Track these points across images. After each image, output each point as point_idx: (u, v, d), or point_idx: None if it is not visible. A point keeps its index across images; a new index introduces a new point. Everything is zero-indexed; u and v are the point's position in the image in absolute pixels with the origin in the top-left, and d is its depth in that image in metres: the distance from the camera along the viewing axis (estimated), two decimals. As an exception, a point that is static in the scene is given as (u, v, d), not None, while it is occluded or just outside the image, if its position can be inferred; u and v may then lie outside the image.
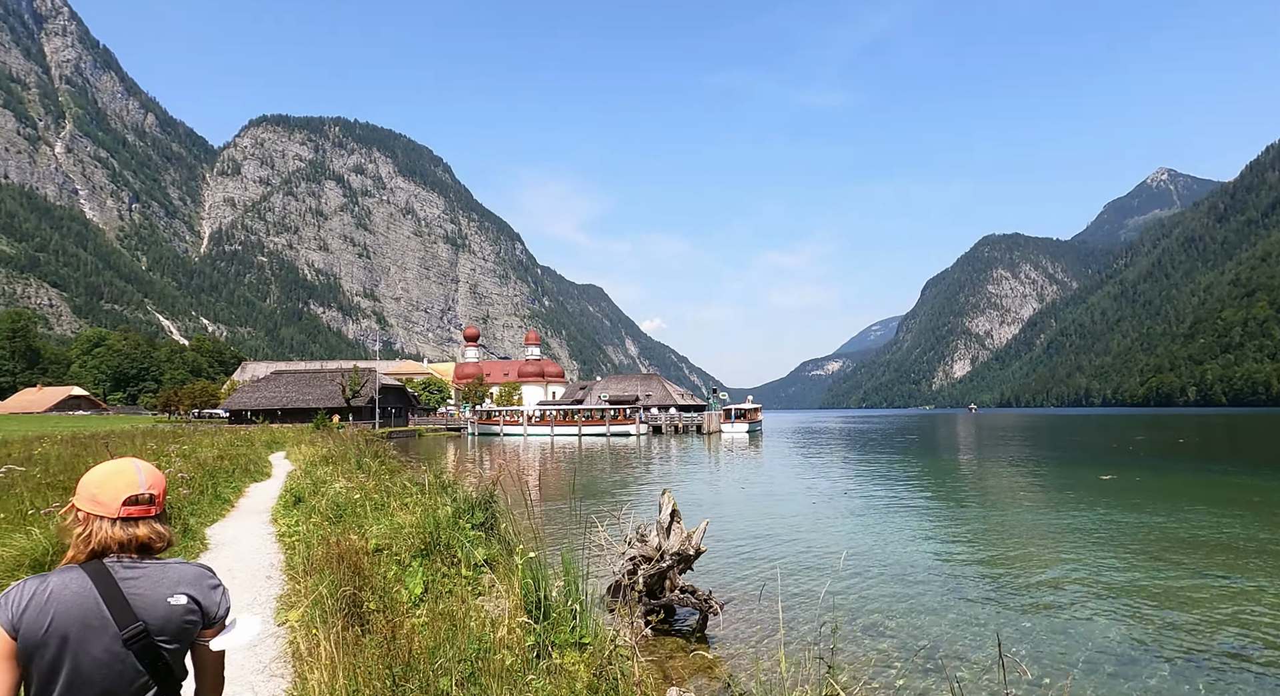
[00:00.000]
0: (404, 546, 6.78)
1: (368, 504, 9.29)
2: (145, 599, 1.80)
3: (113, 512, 1.84)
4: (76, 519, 1.87)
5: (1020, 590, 10.23)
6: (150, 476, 1.92)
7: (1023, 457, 37.21)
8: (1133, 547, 13.34)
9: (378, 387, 73.61)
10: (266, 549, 8.85)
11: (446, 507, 7.41)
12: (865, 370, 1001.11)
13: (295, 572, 6.65)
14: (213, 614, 1.90)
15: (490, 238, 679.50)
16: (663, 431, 73.31)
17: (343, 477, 12.60)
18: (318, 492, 11.16)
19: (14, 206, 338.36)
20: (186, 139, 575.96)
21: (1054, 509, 18.60)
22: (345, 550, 5.45)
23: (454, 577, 6.36)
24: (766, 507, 19.39)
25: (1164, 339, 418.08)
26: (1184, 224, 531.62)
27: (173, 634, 1.83)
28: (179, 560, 1.96)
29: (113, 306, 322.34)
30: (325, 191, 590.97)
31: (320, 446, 22.76)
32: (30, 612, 1.70)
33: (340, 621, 4.76)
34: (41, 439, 25.65)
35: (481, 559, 6.60)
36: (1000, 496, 21.70)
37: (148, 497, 1.89)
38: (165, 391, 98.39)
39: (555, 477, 28.87)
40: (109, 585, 1.77)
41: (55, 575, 1.79)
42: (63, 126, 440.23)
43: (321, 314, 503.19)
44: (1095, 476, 26.05)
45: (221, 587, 1.96)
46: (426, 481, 10.70)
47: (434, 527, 6.89)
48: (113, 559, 1.83)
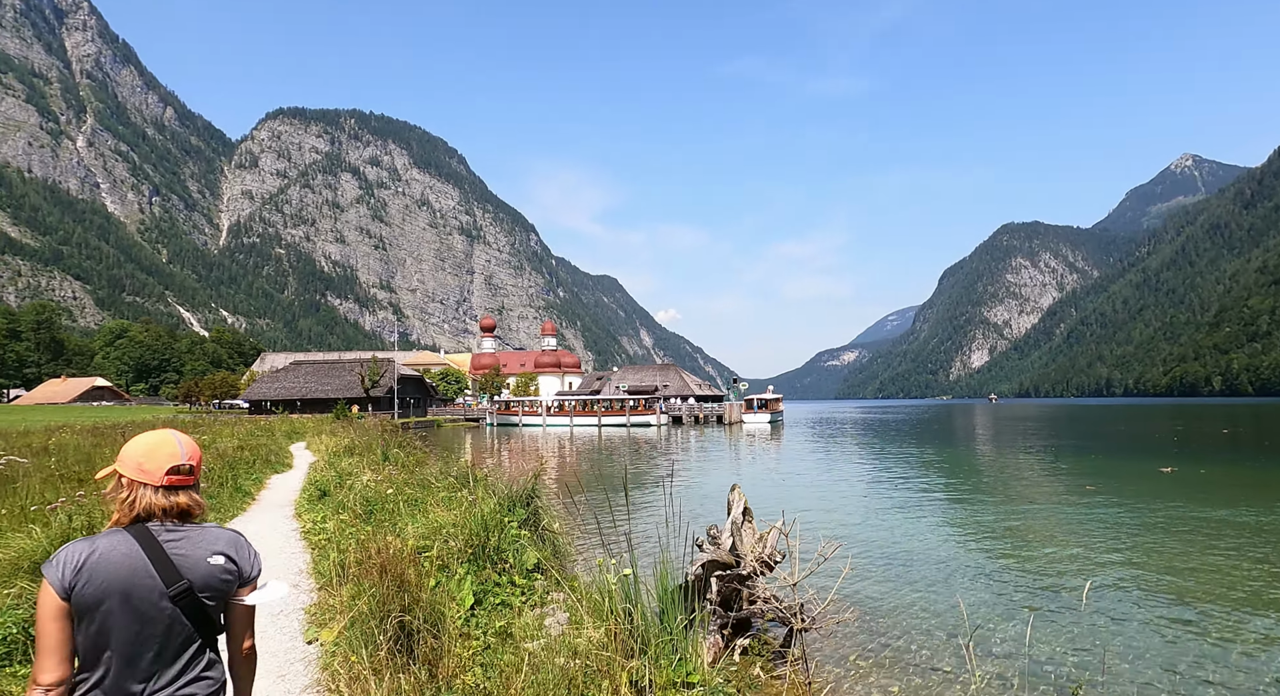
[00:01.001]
0: (446, 549, 6.09)
1: (400, 499, 8.60)
2: (188, 559, 1.94)
3: (157, 480, 1.98)
4: (120, 485, 2.00)
5: (1159, 603, 9.13)
6: (189, 448, 2.07)
7: (1070, 449, 35.45)
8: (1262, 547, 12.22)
9: (396, 378, 73.43)
10: (290, 548, 8.25)
11: (489, 503, 6.67)
12: (881, 360, 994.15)
13: (326, 580, 6.03)
14: (247, 573, 2.06)
15: (505, 229, 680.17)
16: (683, 422, 72.54)
17: (369, 470, 11.93)
18: (344, 485, 10.53)
19: (38, 200, 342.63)
20: (205, 132, 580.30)
21: (1132, 503, 17.03)
22: (388, 559, 4.78)
23: (506, 586, 5.71)
24: (816, 502, 18.06)
25: (1188, 328, 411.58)
26: (1209, 211, 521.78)
27: (213, 591, 1.97)
28: (215, 525, 2.13)
29: (134, 299, 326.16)
30: (341, 183, 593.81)
31: (342, 436, 22.20)
32: (82, 574, 1.82)
33: (386, 645, 4.09)
34: (62, 428, 25.35)
35: (533, 563, 5.92)
36: (1070, 491, 19.92)
37: (188, 468, 2.04)
38: (186, 382, 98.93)
39: (587, 469, 27.57)
40: (154, 547, 1.91)
41: (102, 538, 1.91)
42: (84, 121, 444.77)
43: (338, 305, 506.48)
44: (1154, 469, 24.60)
45: (254, 550, 2.13)
46: (459, 474, 9.96)
47: (480, 528, 6.17)
48: (155, 523, 1.97)
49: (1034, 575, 10.51)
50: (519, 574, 5.96)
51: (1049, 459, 30.44)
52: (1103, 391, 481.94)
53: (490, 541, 6.11)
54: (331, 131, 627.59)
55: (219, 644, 2.10)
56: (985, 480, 23.70)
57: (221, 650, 2.13)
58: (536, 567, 6.06)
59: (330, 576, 5.92)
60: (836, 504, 17.95)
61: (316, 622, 5.26)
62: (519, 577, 5.88)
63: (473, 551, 6.03)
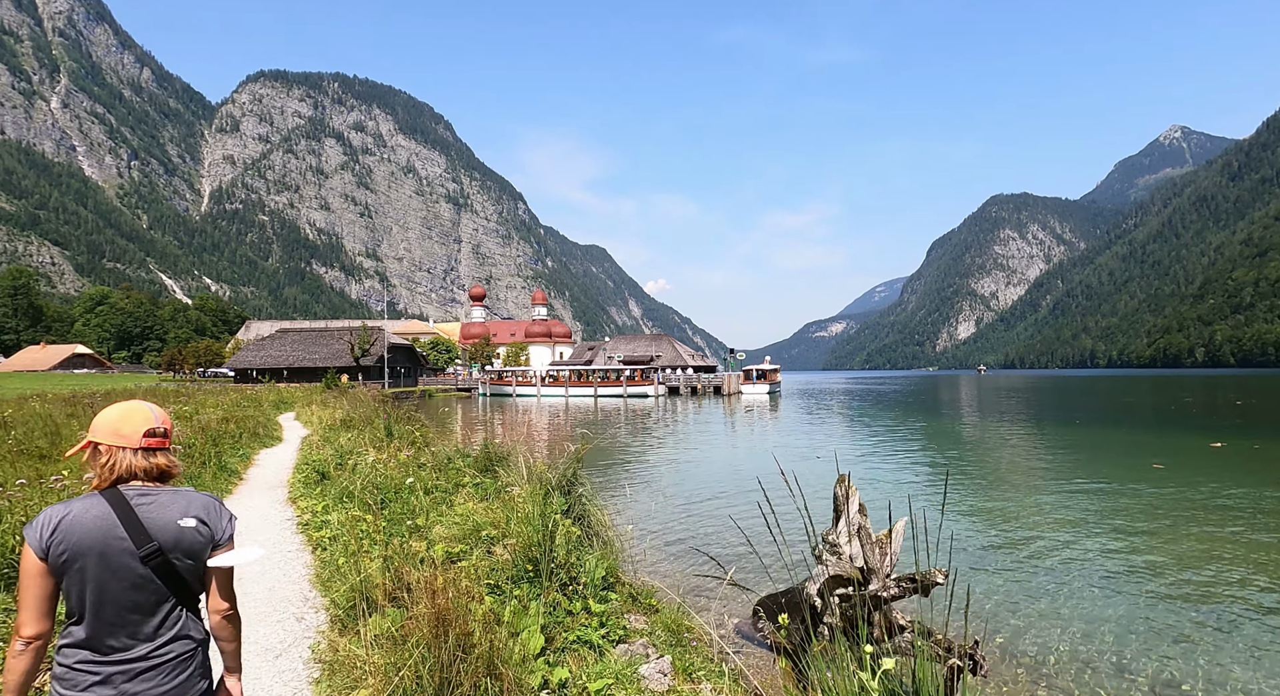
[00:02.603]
0: (491, 560, 4.90)
1: (419, 487, 7.23)
2: (157, 521, 2.01)
3: (135, 443, 2.08)
4: (97, 452, 2.08)
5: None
6: (160, 414, 2.19)
7: (1100, 422, 33.98)
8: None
9: (386, 347, 71.91)
10: (287, 543, 6.95)
11: (530, 494, 5.45)
12: (869, 331, 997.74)
13: (340, 606, 4.55)
14: (219, 536, 2.11)
15: (492, 197, 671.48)
16: (679, 392, 71.62)
17: (372, 447, 10.65)
18: (345, 466, 9.23)
19: (12, 163, 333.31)
20: (184, 95, 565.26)
21: (1212, 485, 15.36)
22: (448, 609, 3.53)
23: (580, 615, 4.45)
24: (870, 486, 15.78)
25: (1172, 300, 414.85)
26: (1196, 183, 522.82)
27: (185, 552, 2.03)
28: (191, 489, 2.19)
29: (115, 265, 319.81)
30: (325, 149, 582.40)
31: (334, 408, 20.87)
32: (57, 535, 1.91)
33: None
34: (35, 397, 23.90)
35: (600, 576, 4.75)
36: (1139, 471, 17.90)
37: (162, 431, 2.16)
38: (169, 350, 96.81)
39: (610, 447, 24.96)
40: (125, 509, 1.98)
41: (78, 501, 2.00)
42: (57, 81, 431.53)
43: (324, 274, 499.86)
44: (1202, 444, 23.08)
45: (228, 513, 2.19)
46: (481, 454, 8.68)
47: (535, 531, 4.81)
48: (128, 487, 2.05)
49: (1197, 588, 8.45)
50: (593, 595, 4.71)
51: (1089, 433, 28.64)
52: (1086, 363, 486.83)
53: (552, 550, 4.85)
54: (314, 95, 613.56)
55: (199, 607, 2.15)
56: (1039, 457, 21.48)
57: (204, 613, 2.17)
58: (605, 582, 4.89)
59: (344, 603, 4.54)
60: (888, 491, 15.52)
61: (334, 682, 3.89)
62: (594, 601, 4.65)
63: (531, 564, 4.79)
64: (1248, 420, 33.41)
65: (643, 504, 12.15)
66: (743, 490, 14.82)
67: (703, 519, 11.59)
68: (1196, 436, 26.24)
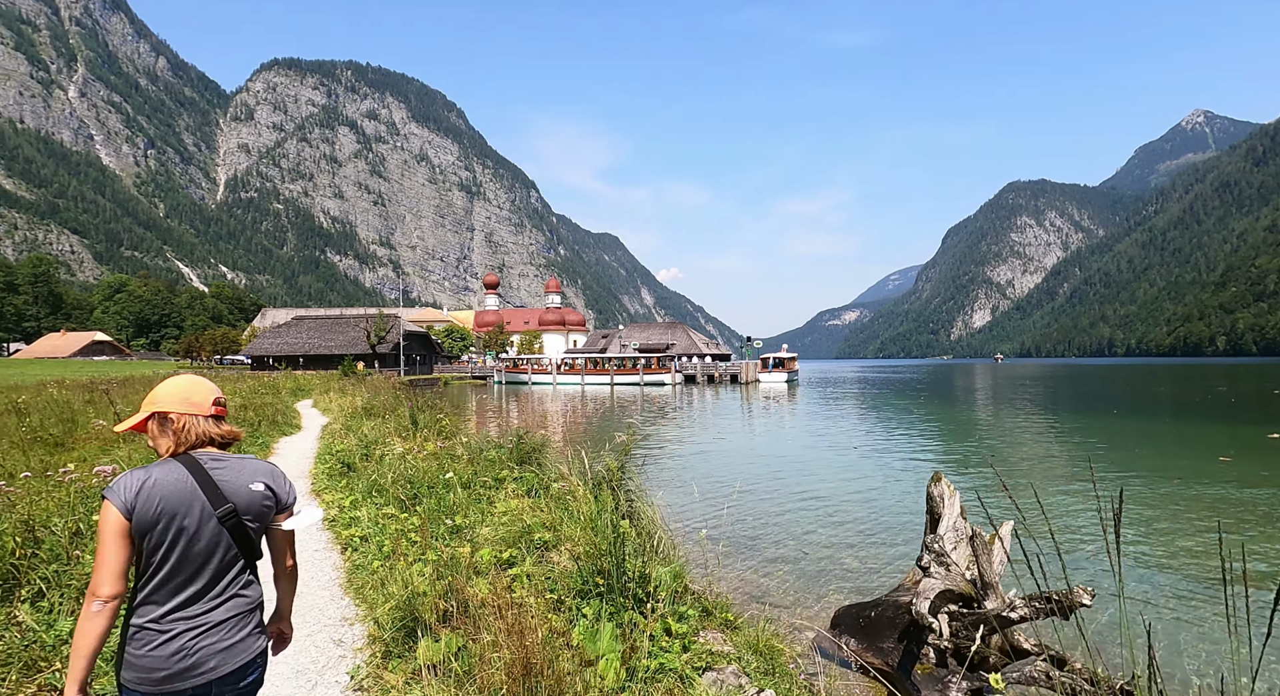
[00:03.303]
0: (534, 562, 4.42)
1: (457, 482, 6.66)
2: (231, 484, 2.15)
3: (206, 411, 2.21)
4: (166, 420, 2.19)
5: None
6: (217, 388, 2.32)
7: (1140, 412, 32.47)
8: None
9: (402, 334, 71.81)
10: (313, 540, 6.44)
11: (593, 497, 4.91)
12: (883, 320, 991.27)
13: (382, 631, 3.95)
14: (284, 500, 2.27)
15: (505, 185, 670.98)
16: (696, 381, 71.08)
17: (398, 437, 10.19)
18: (372, 457, 8.83)
19: (31, 152, 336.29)
20: (199, 83, 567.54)
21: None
22: (532, 653, 3.09)
23: (661, 638, 3.89)
24: (911, 479, 14.70)
25: (1193, 287, 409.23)
26: (1219, 168, 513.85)
27: (254, 515, 2.19)
28: (253, 456, 2.34)
29: (132, 253, 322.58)
30: (339, 137, 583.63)
31: (353, 395, 20.48)
32: (140, 497, 2.03)
33: None
34: (54, 383, 23.69)
35: (668, 587, 4.25)
36: (1207, 464, 16.67)
37: (224, 401, 2.30)
38: (187, 337, 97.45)
39: (651, 440, 24.15)
40: (202, 473, 2.12)
41: (156, 466, 2.10)
42: (75, 70, 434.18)
43: (338, 262, 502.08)
44: (1259, 435, 22.03)
45: (289, 481, 2.35)
46: (516, 444, 8.15)
47: (610, 541, 4.25)
48: (201, 452, 2.18)
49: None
50: (670, 612, 4.15)
51: (1135, 424, 27.13)
52: (1104, 351, 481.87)
53: (624, 560, 4.25)
54: (328, 83, 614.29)
55: (258, 567, 2.29)
56: (1095, 450, 19.90)
57: (260, 573, 2.32)
58: (674, 593, 4.39)
59: (389, 623, 3.98)
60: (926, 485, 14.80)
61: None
62: (674, 620, 4.08)
63: (601, 576, 4.23)
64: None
65: (677, 497, 11.58)
66: (781, 482, 14.24)
67: (746, 513, 10.98)
68: (1247, 427, 25.18)
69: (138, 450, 7.91)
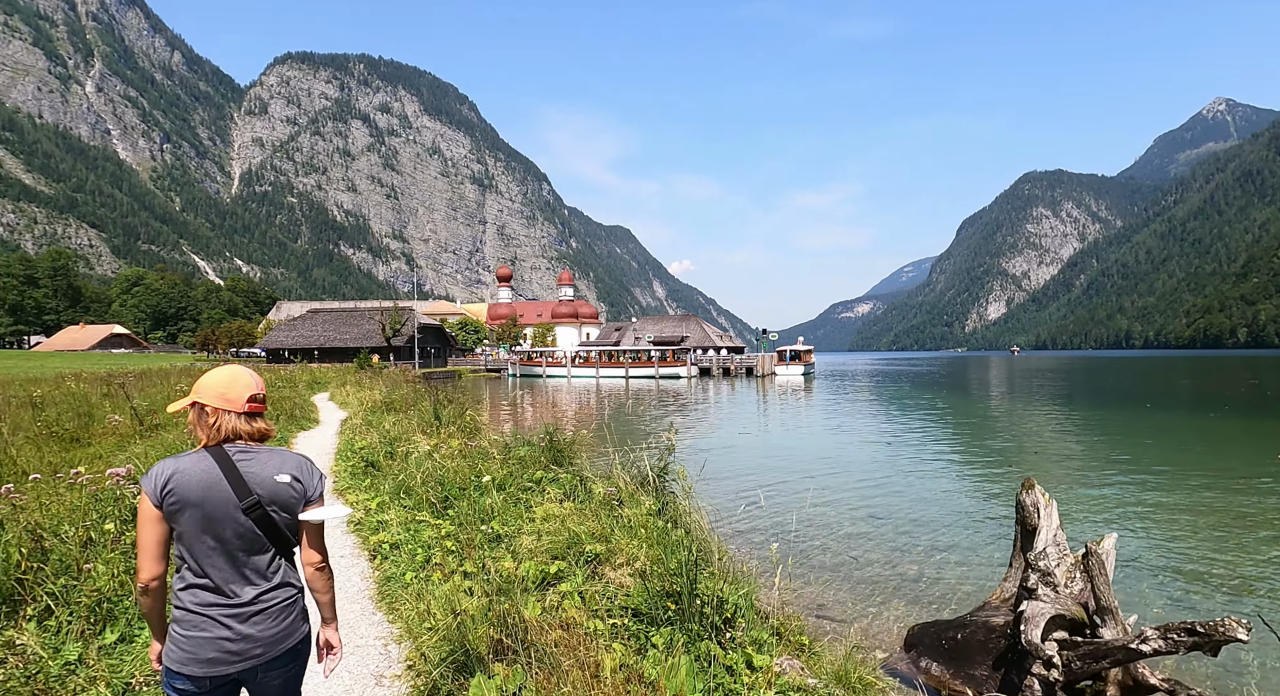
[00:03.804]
0: (585, 577, 4.01)
1: (492, 484, 6.20)
2: (256, 476, 2.21)
3: (240, 407, 2.26)
4: (204, 412, 2.26)
5: None
6: (258, 380, 2.37)
7: (1176, 407, 31.45)
8: None
9: (416, 327, 71.78)
10: (339, 545, 6.00)
11: (638, 504, 4.49)
12: (896, 312, 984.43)
13: (429, 666, 3.52)
14: (311, 492, 2.30)
15: (517, 178, 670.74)
16: (711, 373, 70.63)
17: (420, 434, 9.84)
18: (396, 455, 8.44)
19: (50, 146, 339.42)
20: (213, 77, 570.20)
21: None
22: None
23: (742, 673, 3.48)
24: (950, 481, 13.84)
25: (1213, 279, 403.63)
26: (1241, 157, 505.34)
27: (281, 505, 2.23)
28: (284, 449, 2.41)
29: (149, 247, 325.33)
30: (352, 131, 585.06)
31: (371, 389, 20.21)
32: (169, 486, 2.12)
33: None
34: (73, 376, 23.59)
35: (733, 609, 3.78)
36: (1260, 462, 15.68)
37: (261, 397, 2.36)
38: (203, 330, 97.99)
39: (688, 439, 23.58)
40: (228, 465, 2.18)
41: (186, 457, 2.20)
42: (92, 65, 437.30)
43: (352, 255, 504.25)
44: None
45: (319, 473, 2.38)
46: (549, 443, 7.70)
47: (680, 558, 3.86)
48: (231, 445, 2.25)
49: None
50: (748, 640, 3.71)
51: (1174, 419, 26.27)
52: (1122, 343, 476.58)
53: (694, 580, 3.80)
54: (341, 77, 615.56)
55: (295, 558, 2.37)
56: (1141, 447, 18.90)
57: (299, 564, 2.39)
58: (734, 616, 3.90)
59: (437, 657, 3.55)
60: (981, 489, 12.90)
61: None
62: (754, 649, 3.65)
63: (671, 599, 3.79)
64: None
65: (708, 496, 11.13)
66: (814, 480, 13.73)
67: (783, 515, 10.34)
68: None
69: (154, 447, 7.62)
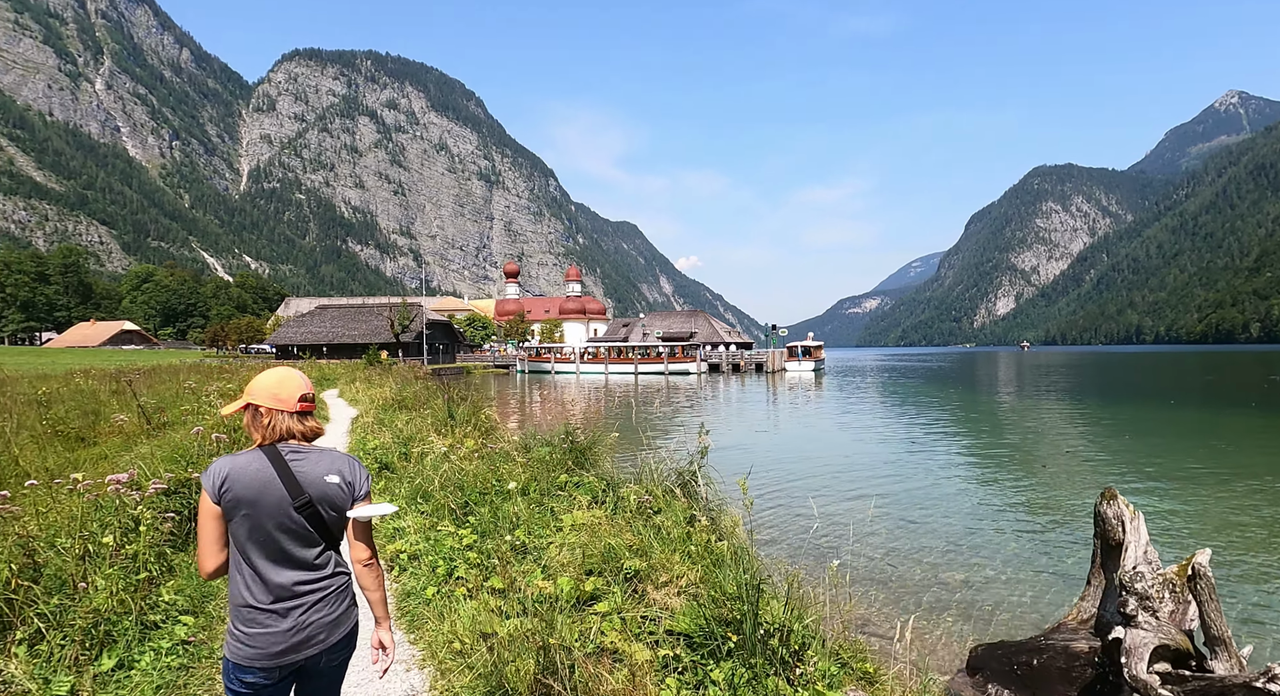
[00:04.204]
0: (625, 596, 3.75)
1: (513, 490, 5.80)
2: (308, 476, 2.30)
3: (292, 407, 2.36)
4: (257, 413, 2.36)
5: None
6: (307, 381, 2.47)
7: (1206, 404, 30.61)
8: None
9: (425, 323, 71.65)
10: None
11: (676, 512, 4.14)
12: (904, 307, 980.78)
13: (441, 665, 3.42)
14: (358, 492, 2.38)
15: (524, 174, 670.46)
16: (721, 370, 70.26)
17: (435, 433, 9.54)
18: (410, 456, 8.17)
19: (60, 144, 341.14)
20: (221, 74, 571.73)
21: None
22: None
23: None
24: (980, 484, 13.16)
25: (1225, 273, 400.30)
26: (1254, 150, 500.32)
27: (330, 504, 2.32)
28: (333, 449, 2.50)
29: (159, 244, 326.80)
30: (359, 127, 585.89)
31: (381, 385, 19.96)
32: (225, 484, 2.23)
33: None
34: (81, 373, 23.41)
35: (799, 640, 3.50)
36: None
37: (311, 397, 2.45)
38: (213, 326, 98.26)
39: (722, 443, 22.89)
40: (282, 465, 2.29)
41: (241, 455, 2.31)
42: (101, 62, 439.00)
43: (359, 251, 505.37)
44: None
45: (365, 473, 2.47)
46: (568, 443, 7.31)
47: (739, 581, 3.58)
48: (284, 445, 2.35)
49: None
50: (818, 676, 3.43)
51: (1205, 417, 25.43)
52: (1132, 339, 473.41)
53: (757, 606, 3.51)
54: (348, 74, 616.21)
55: (342, 550, 2.46)
56: (1183, 447, 18.14)
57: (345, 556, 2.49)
58: (802, 648, 3.63)
59: (457, 685, 3.33)
60: (1012, 493, 11.91)
61: None
62: (824, 686, 3.37)
63: (731, 628, 3.51)
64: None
65: (735, 501, 10.61)
66: (837, 479, 13.34)
67: (808, 519, 9.75)
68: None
69: (160, 447, 7.37)
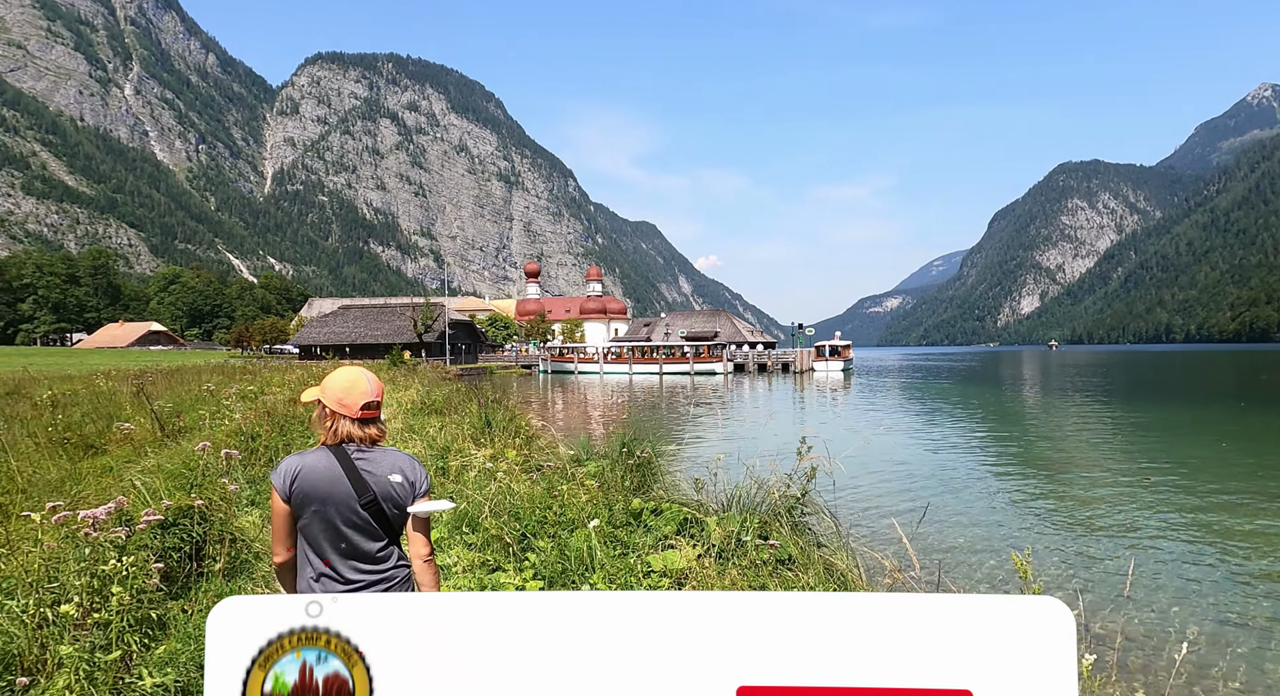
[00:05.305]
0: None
1: (595, 525, 4.60)
2: (373, 475, 2.42)
3: (354, 414, 2.47)
4: (325, 413, 2.49)
5: None
6: (376, 385, 2.56)
7: (1272, 405, 29.41)
8: None
9: (447, 323, 71.34)
10: None
11: (802, 555, 3.27)
12: (926, 306, 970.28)
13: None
14: (419, 489, 2.50)
15: (543, 174, 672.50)
16: (747, 369, 69.21)
17: (471, 442, 8.72)
18: (449, 471, 7.37)
19: (91, 149, 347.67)
20: (246, 79, 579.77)
21: None
22: None
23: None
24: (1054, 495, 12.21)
25: (1259, 270, 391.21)
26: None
27: (393, 502, 2.45)
28: (394, 449, 2.61)
29: (186, 246, 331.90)
30: (380, 130, 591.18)
31: (407, 387, 19.29)
32: (295, 482, 2.37)
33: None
34: (99, 374, 23.00)
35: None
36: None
37: (376, 403, 2.54)
38: (238, 327, 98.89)
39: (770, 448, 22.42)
40: (348, 464, 2.41)
41: (310, 454, 2.45)
42: (130, 68, 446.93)
43: (381, 253, 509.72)
44: None
45: (424, 471, 2.59)
46: (634, 457, 6.35)
47: None
48: (349, 444, 2.47)
49: None
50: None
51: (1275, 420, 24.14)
52: (1161, 337, 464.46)
53: None
54: (370, 76, 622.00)
55: (401, 546, 2.60)
56: (1263, 455, 16.95)
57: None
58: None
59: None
60: (1089, 502, 11.21)
61: None
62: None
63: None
64: None
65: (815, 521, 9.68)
66: (912, 487, 12.59)
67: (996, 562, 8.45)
68: None
69: (171, 459, 6.65)
